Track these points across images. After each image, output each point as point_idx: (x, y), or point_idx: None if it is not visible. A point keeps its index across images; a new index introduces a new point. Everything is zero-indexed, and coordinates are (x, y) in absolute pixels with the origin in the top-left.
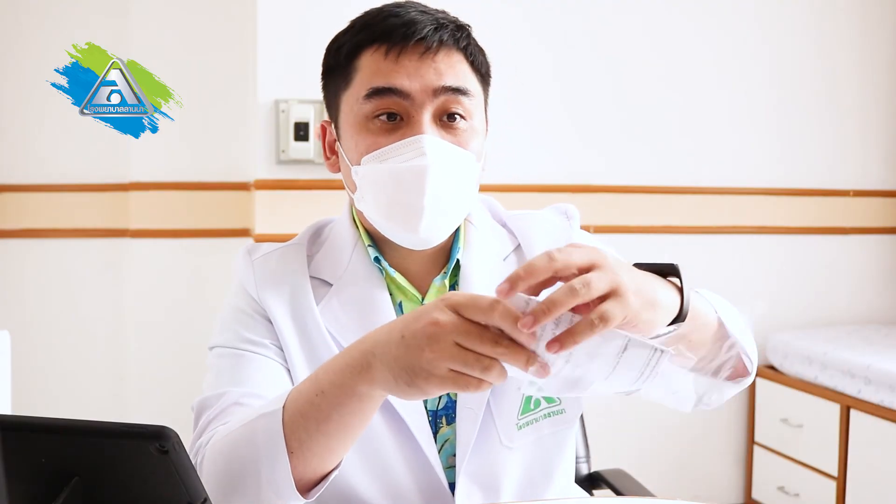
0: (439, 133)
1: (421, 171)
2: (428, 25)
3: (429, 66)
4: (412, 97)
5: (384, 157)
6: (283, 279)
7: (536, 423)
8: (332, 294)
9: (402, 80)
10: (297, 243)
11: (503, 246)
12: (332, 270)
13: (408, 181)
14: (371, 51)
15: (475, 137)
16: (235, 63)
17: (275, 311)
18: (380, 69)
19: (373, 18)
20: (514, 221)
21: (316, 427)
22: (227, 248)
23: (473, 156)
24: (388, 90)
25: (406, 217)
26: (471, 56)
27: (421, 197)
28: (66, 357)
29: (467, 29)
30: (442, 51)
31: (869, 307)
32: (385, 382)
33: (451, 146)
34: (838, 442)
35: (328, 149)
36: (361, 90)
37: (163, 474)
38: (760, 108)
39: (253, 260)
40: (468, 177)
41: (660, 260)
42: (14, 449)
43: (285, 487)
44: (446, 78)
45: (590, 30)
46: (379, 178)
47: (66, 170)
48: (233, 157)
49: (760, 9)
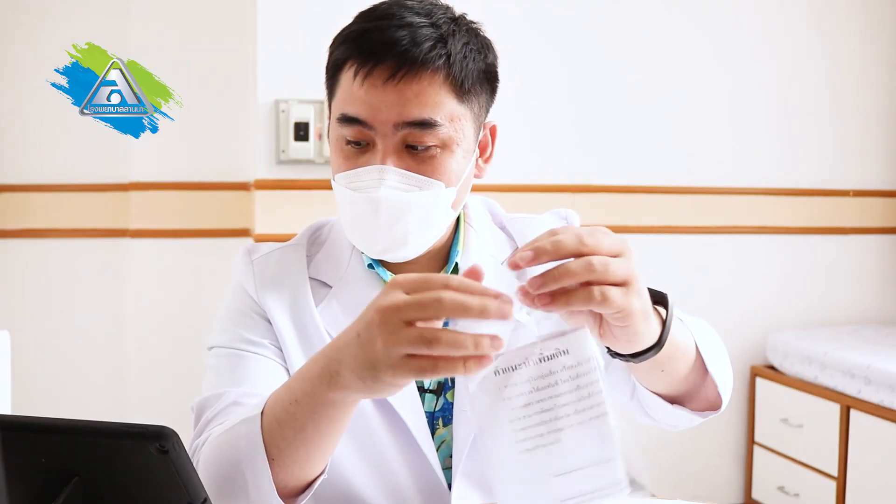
0: (403, 162)
1: (374, 203)
2: (404, 42)
3: (391, 97)
4: (374, 127)
5: (348, 181)
6: (283, 280)
7: None
8: (331, 296)
9: (365, 110)
10: (296, 244)
11: (501, 249)
12: (331, 272)
13: (363, 211)
14: (347, 68)
15: (449, 160)
16: (235, 63)
17: (274, 311)
18: (350, 95)
19: (352, 32)
20: (514, 224)
21: (293, 436)
22: (227, 248)
23: (441, 183)
24: (353, 119)
25: (366, 241)
26: (453, 69)
27: (373, 228)
28: (66, 357)
29: (453, 37)
30: (408, 77)
31: (869, 307)
32: (354, 385)
33: (410, 177)
34: (838, 442)
35: None
36: (336, 111)
37: (163, 474)
38: (760, 109)
39: (253, 260)
40: (430, 205)
41: (659, 261)
42: (14, 449)
43: (269, 494)
44: (409, 110)
45: (590, 30)
46: (343, 200)
47: (66, 170)
48: (233, 157)
49: (761, 9)
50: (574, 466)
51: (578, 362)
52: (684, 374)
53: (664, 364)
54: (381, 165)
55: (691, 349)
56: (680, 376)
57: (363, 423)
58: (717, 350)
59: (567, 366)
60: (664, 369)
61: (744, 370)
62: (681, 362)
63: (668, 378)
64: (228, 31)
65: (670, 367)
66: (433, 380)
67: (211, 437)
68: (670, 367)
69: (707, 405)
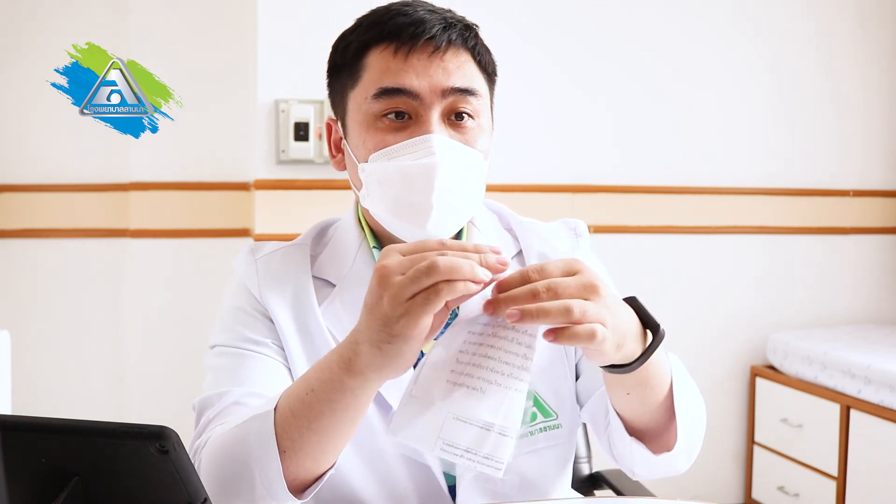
0: (447, 132)
1: (430, 168)
2: (437, 24)
3: (437, 66)
4: (421, 97)
5: (392, 155)
6: (286, 279)
7: (532, 436)
8: (334, 294)
9: (412, 79)
10: (300, 243)
11: (505, 250)
12: (335, 271)
13: (417, 179)
14: (379, 49)
15: (482, 136)
16: (235, 63)
17: (276, 310)
18: (389, 68)
19: (381, 17)
20: (522, 229)
21: (307, 425)
22: (227, 248)
23: (480, 154)
24: (397, 90)
25: (414, 214)
26: (478, 56)
27: (429, 195)
28: (66, 357)
29: (475, 29)
30: (450, 50)
31: (869, 307)
32: (372, 361)
33: (459, 145)
34: (838, 442)
35: (334, 147)
36: (370, 89)
37: (163, 474)
38: (761, 109)
39: (256, 259)
40: (476, 175)
41: (659, 261)
42: (14, 449)
43: (278, 487)
44: (454, 78)
45: (590, 30)
46: (386, 175)
47: (66, 170)
48: (233, 157)
49: (761, 9)
50: (476, 420)
51: (531, 342)
52: (649, 407)
53: (631, 388)
54: (431, 134)
55: (664, 385)
56: (644, 407)
57: (366, 428)
58: (690, 398)
59: (526, 338)
60: (630, 392)
61: (744, 370)
62: (649, 394)
63: (631, 403)
64: (228, 30)
65: (637, 392)
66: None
67: (214, 436)
68: (637, 393)
69: (666, 451)
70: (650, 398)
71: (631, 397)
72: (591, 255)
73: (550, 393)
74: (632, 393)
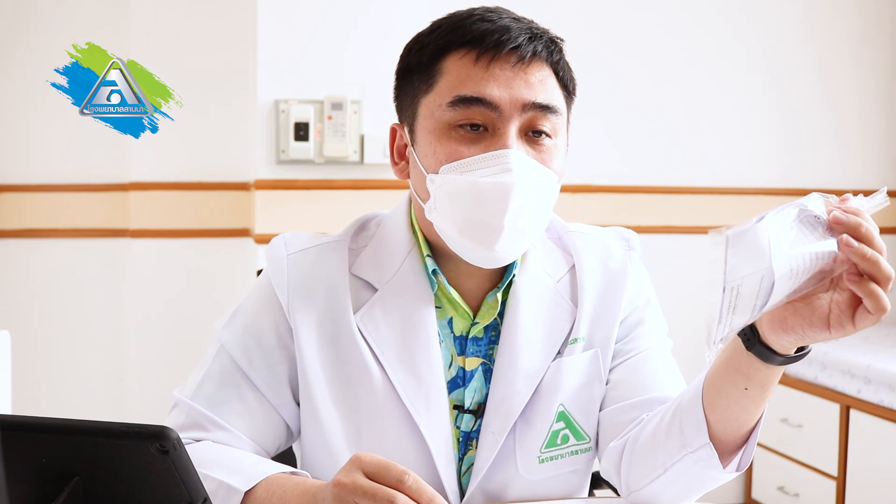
0: (524, 148)
1: (506, 188)
2: (522, 34)
3: (520, 78)
4: (500, 109)
5: (466, 168)
6: (318, 281)
7: (561, 459)
8: (375, 300)
9: (492, 90)
10: (337, 240)
11: (558, 267)
12: (378, 273)
13: (490, 197)
14: (459, 55)
15: (558, 156)
16: (235, 63)
17: (302, 320)
18: (469, 76)
19: (462, 20)
20: (572, 238)
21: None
22: (227, 248)
23: (556, 176)
24: (475, 99)
25: (483, 234)
26: (560, 71)
27: (502, 215)
28: (66, 357)
29: (559, 43)
30: (534, 63)
31: None
32: None
33: (536, 164)
34: (838, 442)
35: (397, 153)
36: (446, 96)
37: (163, 474)
38: (761, 109)
39: (288, 254)
40: (549, 198)
41: (660, 261)
42: (14, 449)
43: None
44: (536, 93)
45: (590, 31)
46: (458, 189)
47: (66, 170)
48: (233, 157)
49: (760, 10)
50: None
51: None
52: (751, 412)
53: (757, 384)
54: (508, 150)
55: (769, 396)
56: (748, 410)
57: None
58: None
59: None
60: (748, 388)
61: None
62: (763, 396)
63: (740, 401)
64: (228, 30)
65: (755, 392)
66: (473, 401)
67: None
68: (754, 394)
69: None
70: (759, 402)
71: (748, 392)
72: (642, 269)
73: (583, 414)
74: (750, 389)
